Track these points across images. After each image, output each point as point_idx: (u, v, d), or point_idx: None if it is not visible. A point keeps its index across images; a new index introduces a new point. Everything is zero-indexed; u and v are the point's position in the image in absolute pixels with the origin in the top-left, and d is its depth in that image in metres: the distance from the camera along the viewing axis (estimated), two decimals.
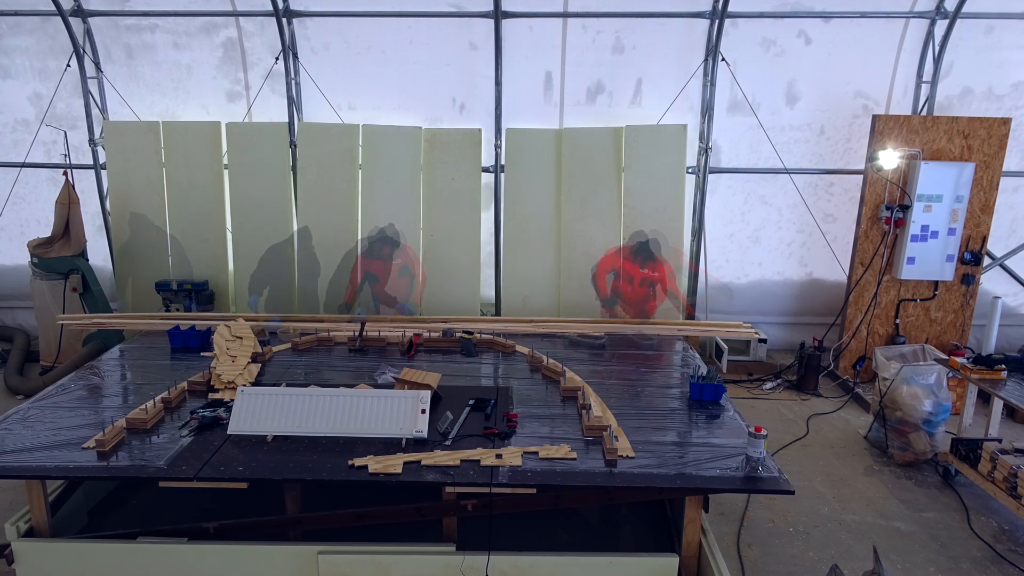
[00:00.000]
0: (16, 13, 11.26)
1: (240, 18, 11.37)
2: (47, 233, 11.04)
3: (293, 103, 11.68)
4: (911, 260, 10.90)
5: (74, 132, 11.77)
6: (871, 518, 7.62)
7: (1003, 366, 8.35)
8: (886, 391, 8.92)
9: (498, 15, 10.99)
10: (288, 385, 7.08)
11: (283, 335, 9.34)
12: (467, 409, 6.67)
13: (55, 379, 8.69)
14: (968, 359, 8.58)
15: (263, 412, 6.18)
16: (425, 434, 6.03)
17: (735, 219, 12.18)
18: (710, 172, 11.73)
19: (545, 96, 11.76)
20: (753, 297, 12.44)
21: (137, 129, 11.56)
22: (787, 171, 11.53)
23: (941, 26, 11.10)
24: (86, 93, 11.54)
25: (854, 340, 11.40)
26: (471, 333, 8.91)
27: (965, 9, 10.80)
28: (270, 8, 11.03)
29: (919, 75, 11.48)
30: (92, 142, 11.72)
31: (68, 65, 11.33)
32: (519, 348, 8.67)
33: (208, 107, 11.93)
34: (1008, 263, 12.00)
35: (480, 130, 11.50)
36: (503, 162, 11.66)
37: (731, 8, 10.81)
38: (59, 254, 10.87)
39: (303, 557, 5.75)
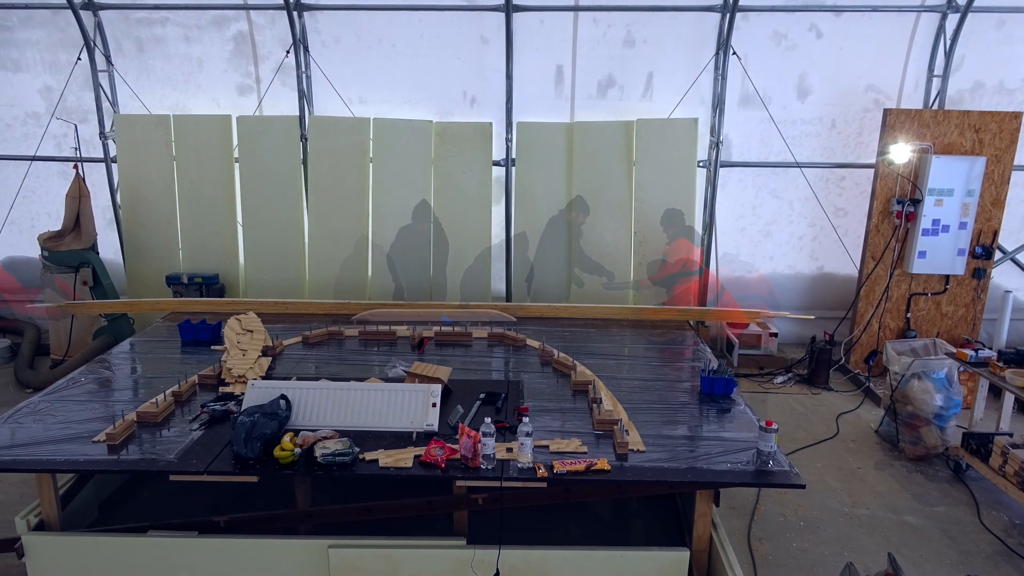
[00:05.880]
0: (27, 6, 11.27)
1: (251, 11, 11.37)
2: (57, 226, 11.06)
3: (304, 96, 11.67)
4: (922, 254, 10.86)
5: (84, 126, 11.80)
6: (882, 512, 7.61)
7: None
8: (897, 385, 8.90)
9: (509, 9, 10.97)
10: (299, 379, 7.09)
11: None
12: (478, 403, 6.67)
13: (65, 372, 8.70)
14: (975, 353, 8.57)
15: None
16: (436, 428, 6.03)
17: (746, 213, 12.17)
18: (721, 166, 11.72)
19: (556, 90, 11.75)
20: (764, 291, 12.41)
21: (148, 122, 11.57)
22: (798, 165, 11.49)
23: (952, 20, 11.06)
24: (97, 86, 11.55)
25: (865, 334, 11.38)
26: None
27: (976, 3, 10.77)
28: (281, 1, 11.04)
29: (930, 69, 11.45)
30: (103, 135, 11.73)
31: (79, 58, 11.35)
32: (530, 342, 8.66)
33: (219, 100, 11.94)
34: (1019, 257, 11.96)
35: (491, 124, 11.50)
36: (514, 156, 11.65)
37: (742, 2, 10.79)
38: (69, 247, 10.89)
39: (313, 551, 5.76)
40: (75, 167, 11.11)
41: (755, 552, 6.89)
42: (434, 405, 6.20)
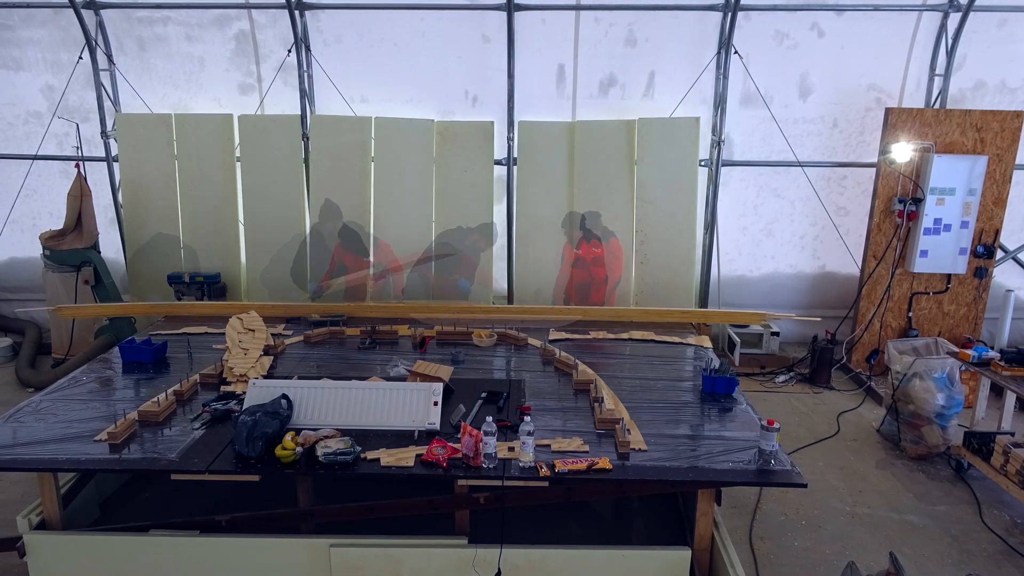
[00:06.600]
0: (28, 5, 11.28)
1: (252, 10, 11.38)
2: (59, 226, 11.07)
3: (305, 96, 11.68)
4: (924, 253, 10.86)
5: (86, 124, 11.80)
6: (883, 511, 7.60)
7: None
8: (899, 384, 8.89)
9: (511, 8, 10.97)
10: (300, 378, 7.09)
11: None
12: (479, 402, 6.67)
13: (67, 372, 8.70)
14: (977, 352, 8.55)
15: None
16: (438, 426, 6.04)
17: (748, 212, 12.16)
18: (723, 165, 11.71)
19: (558, 89, 11.75)
20: (765, 290, 12.41)
21: (149, 121, 11.57)
22: (800, 164, 11.49)
23: (954, 19, 11.05)
24: (98, 85, 11.56)
25: (867, 333, 11.37)
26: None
27: (978, 2, 10.76)
28: (282, 0, 11.04)
29: (932, 68, 11.44)
30: (104, 134, 11.73)
31: (80, 57, 11.34)
32: (531, 341, 8.66)
33: (220, 100, 11.94)
34: (1021, 256, 11.94)
35: (493, 123, 11.49)
36: (516, 155, 11.65)
37: (744, 1, 10.79)
38: (71, 246, 10.90)
39: (315, 550, 5.76)
40: (77, 166, 11.11)
41: (757, 551, 6.89)
42: (436, 404, 6.20)
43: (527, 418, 5.68)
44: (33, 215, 12.37)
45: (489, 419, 5.56)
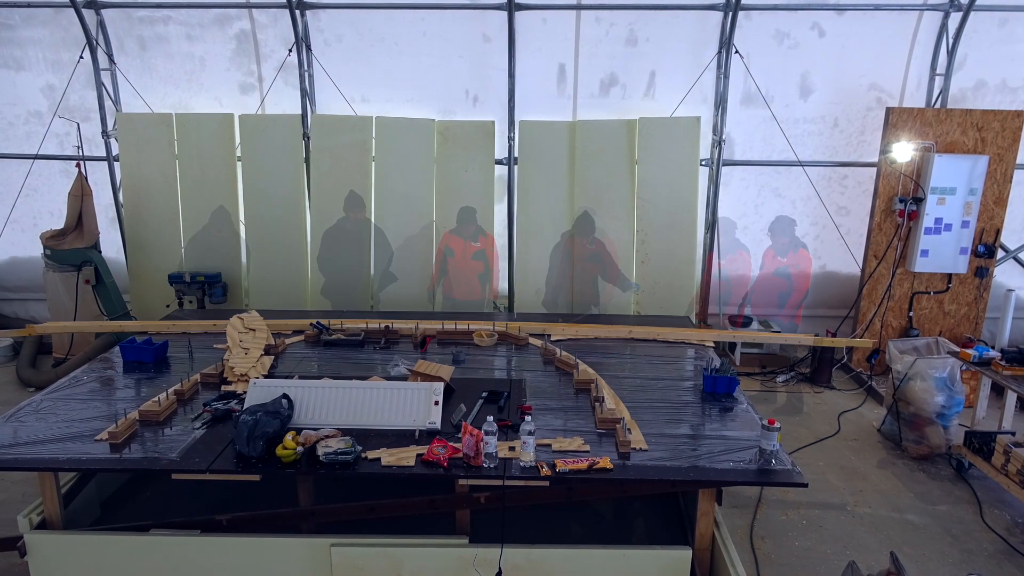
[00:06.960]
0: (29, 4, 11.27)
1: (253, 10, 11.37)
2: (60, 225, 11.07)
3: (306, 95, 11.67)
4: (924, 253, 10.86)
5: (87, 124, 11.79)
6: (884, 511, 7.60)
7: None
8: (899, 384, 8.89)
9: (511, 7, 10.97)
10: (301, 377, 7.09)
11: None
12: (480, 401, 6.67)
13: (68, 371, 8.70)
14: (978, 351, 8.53)
15: None
16: (438, 426, 6.03)
17: (748, 212, 12.13)
18: (724, 165, 11.70)
19: (559, 88, 11.74)
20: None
21: (150, 121, 11.57)
22: (801, 164, 11.48)
23: (955, 18, 11.04)
24: (99, 85, 11.56)
25: (868, 333, 11.36)
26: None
27: (978, 2, 10.75)
28: (283, 0, 11.03)
29: (933, 67, 11.42)
30: (105, 134, 11.73)
31: (81, 57, 11.34)
32: (532, 340, 8.66)
33: (221, 99, 11.94)
34: (1022, 256, 11.93)
35: (493, 122, 11.49)
36: (516, 154, 11.65)
37: (744, 0, 10.78)
38: (72, 246, 10.90)
39: (316, 549, 5.76)
40: (77, 166, 11.11)
41: (757, 551, 6.88)
42: (436, 403, 6.20)
43: (528, 417, 5.68)
44: (34, 215, 12.37)
45: (490, 419, 5.57)
